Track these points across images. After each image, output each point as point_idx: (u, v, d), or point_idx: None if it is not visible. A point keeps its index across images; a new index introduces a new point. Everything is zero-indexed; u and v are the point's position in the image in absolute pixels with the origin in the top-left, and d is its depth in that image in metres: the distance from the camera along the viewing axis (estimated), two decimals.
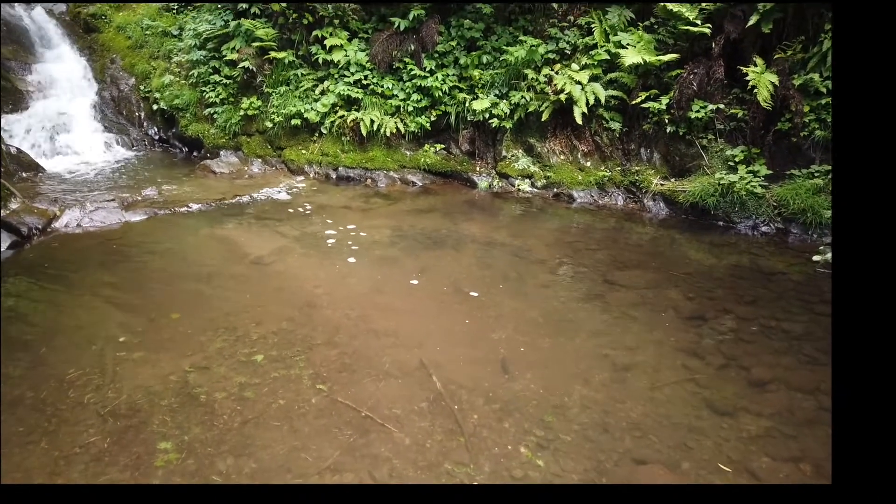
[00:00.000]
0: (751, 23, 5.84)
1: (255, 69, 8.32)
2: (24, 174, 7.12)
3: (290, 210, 6.39)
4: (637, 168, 6.77)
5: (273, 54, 8.18)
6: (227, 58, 8.52)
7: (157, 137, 9.61)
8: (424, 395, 3.04)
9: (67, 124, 8.65)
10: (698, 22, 6.13)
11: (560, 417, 2.90)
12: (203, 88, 8.86)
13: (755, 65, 5.88)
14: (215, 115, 8.78)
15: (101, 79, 9.80)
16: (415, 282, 4.47)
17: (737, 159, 6.01)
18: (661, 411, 2.97)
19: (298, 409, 2.90)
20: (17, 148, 7.44)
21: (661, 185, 6.51)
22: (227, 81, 8.67)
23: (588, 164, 7.13)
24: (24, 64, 9.11)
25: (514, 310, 4.03)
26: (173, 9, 10.02)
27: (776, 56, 5.89)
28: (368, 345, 3.52)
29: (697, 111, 6.16)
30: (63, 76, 9.38)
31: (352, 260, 4.91)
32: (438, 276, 4.62)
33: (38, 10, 9.98)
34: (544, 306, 4.10)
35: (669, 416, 2.94)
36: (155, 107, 9.26)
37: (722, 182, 5.86)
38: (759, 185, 5.77)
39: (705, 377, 3.27)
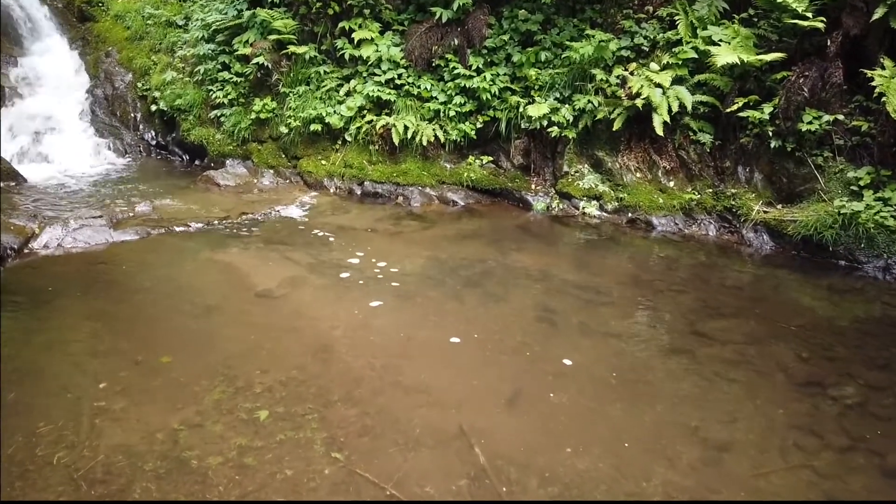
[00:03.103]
0: (876, 16, 5.70)
1: (270, 66, 8.55)
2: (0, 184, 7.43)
3: (306, 232, 6.46)
4: (733, 190, 6.62)
5: (292, 49, 8.40)
6: (238, 52, 8.80)
7: (154, 143, 9.94)
8: (464, 470, 2.96)
9: (53, 127, 9.04)
10: (809, 15, 6.03)
11: None
12: (210, 87, 9.15)
13: (882, 67, 5.73)
14: (222, 119, 9.04)
15: (94, 74, 10.24)
16: (454, 331, 4.42)
17: (861, 183, 5.82)
18: None
19: (308, 482, 2.85)
20: None
21: (765, 212, 6.34)
22: (238, 80, 8.94)
23: (671, 184, 7.02)
24: (8, 56, 9.62)
25: (578, 365, 3.94)
26: None
27: None
28: (395, 403, 3.47)
29: (809, 122, 6.01)
30: (51, 71, 9.85)
31: (377, 299, 4.90)
32: (482, 319, 4.57)
33: None
34: (616, 363, 3.99)
35: None
36: (153, 107, 9.61)
37: (843, 211, 5.68)
38: (892, 216, 5.57)
39: (825, 463, 3.11)
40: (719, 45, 6.54)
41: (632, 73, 7.07)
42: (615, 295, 5.07)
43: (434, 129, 7.82)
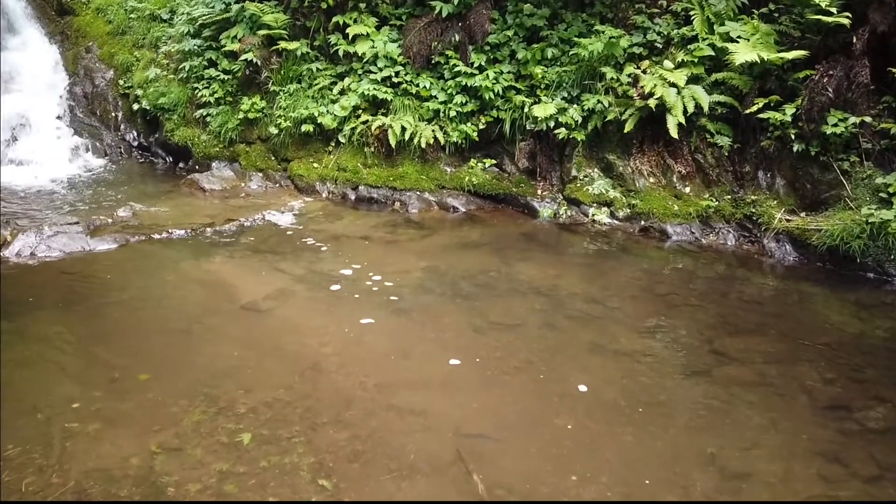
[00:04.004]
0: None
1: (259, 62, 8.56)
2: None
3: (296, 240, 6.46)
4: (753, 197, 6.60)
5: (283, 45, 8.41)
6: (226, 48, 8.80)
7: (135, 144, 9.96)
8: (461, 500, 2.95)
9: (28, 126, 9.05)
10: (833, 10, 6.02)
11: None
12: (195, 85, 9.15)
13: None
14: (208, 118, 9.04)
15: (73, 71, 10.28)
16: (453, 349, 4.41)
17: (891, 190, 5.78)
18: None
19: None
20: None
21: (787, 220, 6.32)
22: (225, 77, 8.94)
23: (687, 189, 7.01)
24: None
25: (586, 386, 3.92)
26: None
27: None
28: (389, 426, 3.46)
29: (835, 125, 5.99)
30: (28, 67, 9.87)
31: (371, 313, 4.89)
32: (483, 335, 4.55)
33: None
34: (626, 383, 3.97)
35: None
36: (135, 106, 9.62)
37: (871, 220, 5.64)
38: None
39: (851, 493, 3.09)
40: (738, 42, 6.52)
41: (644, 72, 7.05)
42: (627, 310, 5.05)
43: (433, 131, 7.81)
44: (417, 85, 7.99)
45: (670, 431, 3.52)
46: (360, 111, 8.14)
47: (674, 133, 6.67)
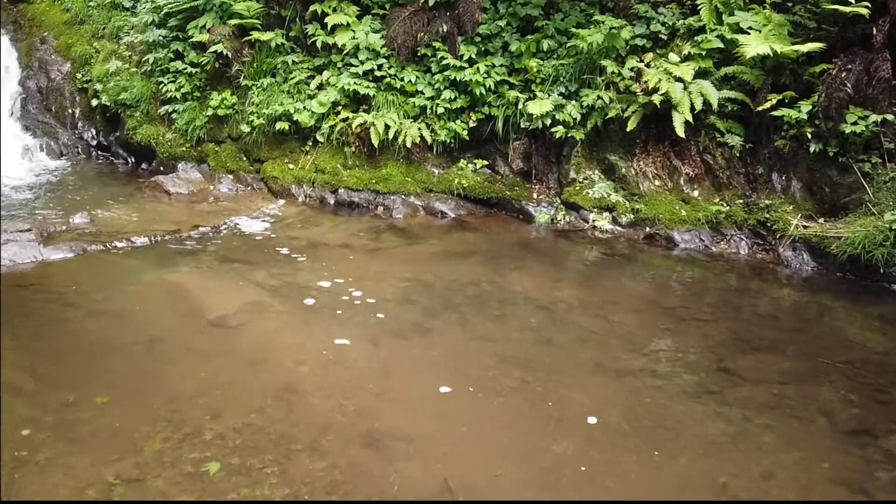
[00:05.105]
0: None
1: (230, 54, 8.54)
2: None
3: (269, 249, 6.44)
4: (767, 201, 6.62)
5: (256, 35, 8.39)
6: (193, 39, 8.78)
7: (94, 143, 9.92)
8: None
9: None
10: None
11: None
12: (160, 79, 9.13)
13: None
14: (174, 115, 9.02)
15: (26, 64, 10.22)
16: (441, 368, 4.41)
17: None
18: None
19: None
20: None
21: (804, 227, 6.34)
22: (193, 70, 8.92)
23: (695, 193, 7.03)
24: None
25: (587, 409, 3.90)
26: None
27: None
28: (370, 454, 3.44)
29: (854, 123, 6.02)
30: None
31: (351, 329, 4.87)
32: (474, 353, 4.55)
33: None
34: (631, 406, 3.96)
35: None
36: (94, 102, 9.57)
37: (894, 226, 5.66)
38: None
39: None
40: (748, 34, 6.55)
41: (648, 65, 7.09)
42: (631, 325, 5.05)
43: (419, 129, 7.81)
44: (402, 79, 8.00)
45: (678, 458, 3.51)
46: (340, 107, 8.13)
47: (680, 132, 6.68)
